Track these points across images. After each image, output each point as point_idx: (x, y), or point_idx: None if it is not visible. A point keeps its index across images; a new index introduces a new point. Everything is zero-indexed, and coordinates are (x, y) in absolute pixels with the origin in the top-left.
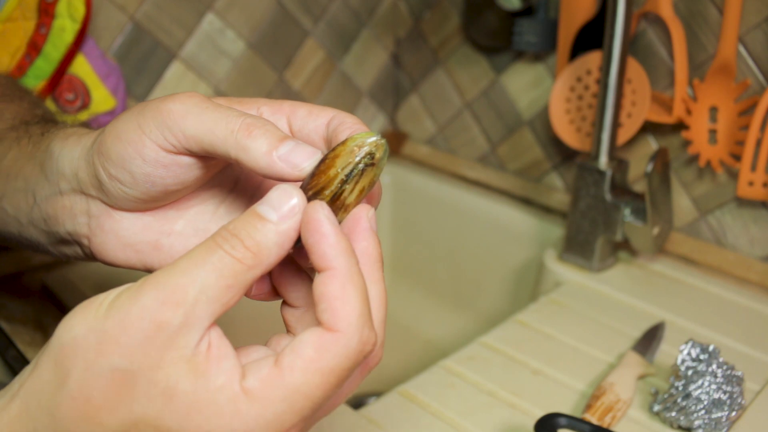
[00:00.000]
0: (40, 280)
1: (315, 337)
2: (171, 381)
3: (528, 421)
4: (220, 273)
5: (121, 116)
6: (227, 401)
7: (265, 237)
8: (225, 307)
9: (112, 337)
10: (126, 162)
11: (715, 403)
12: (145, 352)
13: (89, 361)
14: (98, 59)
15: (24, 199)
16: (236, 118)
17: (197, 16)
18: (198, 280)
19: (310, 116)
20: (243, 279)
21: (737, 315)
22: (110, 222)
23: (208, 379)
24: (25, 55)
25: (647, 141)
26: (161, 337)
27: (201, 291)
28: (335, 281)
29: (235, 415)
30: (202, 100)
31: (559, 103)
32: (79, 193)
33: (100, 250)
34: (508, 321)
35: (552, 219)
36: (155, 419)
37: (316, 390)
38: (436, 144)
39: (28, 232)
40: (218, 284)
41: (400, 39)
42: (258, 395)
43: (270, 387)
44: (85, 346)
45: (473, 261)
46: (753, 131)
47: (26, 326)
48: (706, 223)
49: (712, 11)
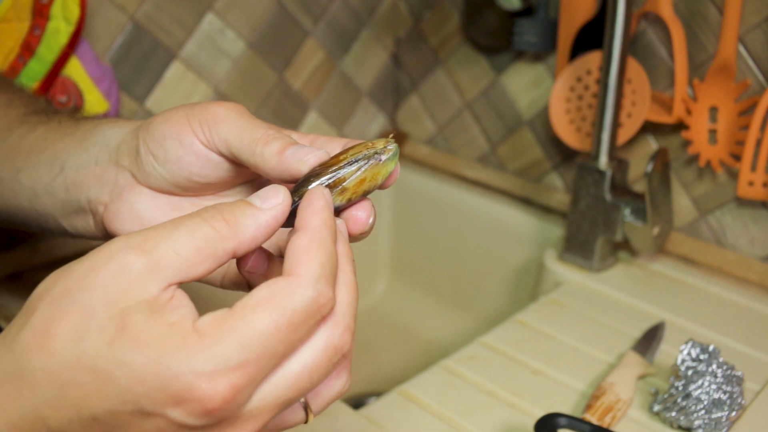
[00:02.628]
0: (40, 280)
1: (271, 282)
2: (125, 316)
3: (528, 421)
4: (192, 235)
5: (173, 108)
6: (177, 337)
7: (243, 214)
8: (194, 271)
9: (79, 277)
10: (165, 140)
11: (715, 403)
12: (105, 290)
13: (54, 297)
14: (92, 62)
15: (47, 171)
16: (261, 130)
17: (197, 16)
18: (170, 236)
19: (330, 143)
20: (215, 246)
21: (737, 315)
22: (130, 194)
23: (161, 316)
24: (18, 57)
25: (647, 141)
26: (124, 277)
27: (170, 246)
28: (305, 236)
29: (183, 351)
30: (243, 112)
31: (559, 103)
32: (113, 164)
33: (111, 218)
34: (508, 321)
35: (552, 219)
36: (106, 349)
37: (267, 328)
38: (436, 144)
39: (41, 203)
40: (189, 244)
41: (400, 39)
42: (208, 331)
43: (220, 323)
44: (52, 289)
45: (473, 261)
46: (753, 131)
47: None
48: (706, 223)
49: (712, 11)
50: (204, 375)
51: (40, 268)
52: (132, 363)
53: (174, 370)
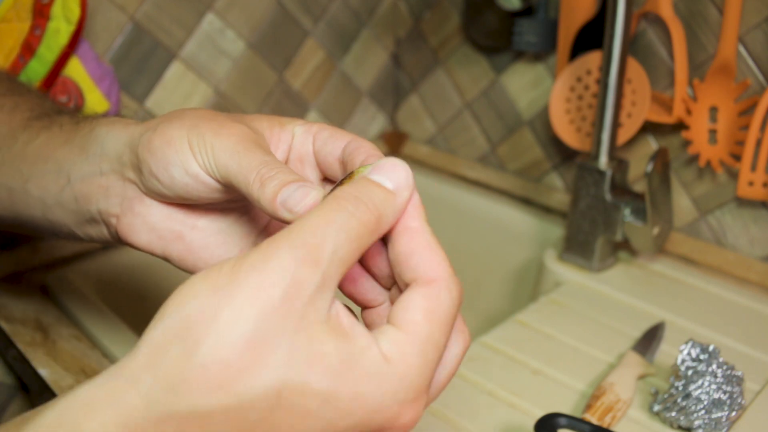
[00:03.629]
0: (40, 280)
1: (422, 291)
2: (314, 343)
3: (528, 421)
4: (348, 234)
5: (172, 121)
6: (372, 363)
7: (384, 204)
8: (348, 270)
9: (247, 295)
10: (170, 166)
11: (715, 403)
12: (283, 314)
13: (222, 322)
14: (92, 62)
15: (54, 181)
16: (254, 168)
17: (197, 16)
18: (330, 239)
19: (330, 139)
20: (365, 243)
21: (737, 315)
22: (140, 205)
23: (350, 341)
24: (19, 57)
25: (647, 141)
26: (301, 297)
27: (334, 251)
28: (419, 235)
29: (381, 380)
30: (239, 141)
31: (559, 103)
32: (118, 175)
33: (126, 231)
34: (508, 321)
35: (552, 219)
36: (301, 384)
37: (441, 337)
38: (436, 144)
39: (53, 214)
40: (348, 245)
41: (400, 39)
42: (396, 357)
43: (402, 346)
44: (214, 309)
45: (473, 261)
46: (753, 131)
47: (26, 326)
48: (706, 223)
49: (712, 11)
50: (407, 403)
51: (40, 268)
52: (334, 399)
53: (379, 403)
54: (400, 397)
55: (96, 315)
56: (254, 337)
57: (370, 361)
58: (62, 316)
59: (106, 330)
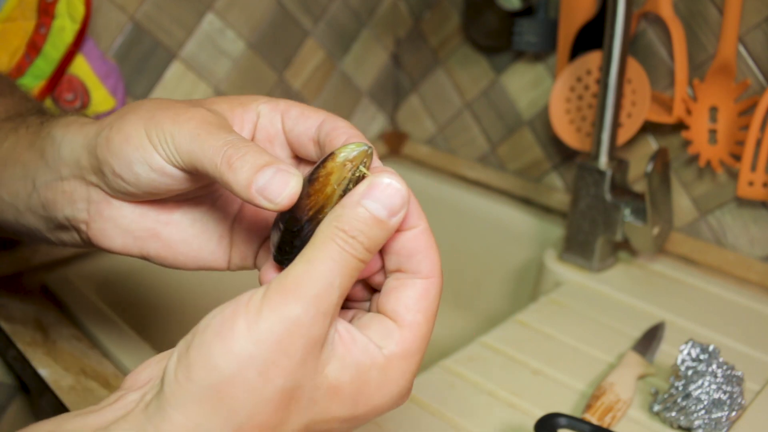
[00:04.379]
0: (40, 280)
1: (420, 290)
2: (331, 379)
3: (528, 421)
4: (348, 274)
5: (127, 116)
6: (379, 374)
7: (378, 235)
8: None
9: (273, 362)
10: (133, 164)
11: (715, 403)
12: (304, 365)
13: (256, 391)
14: (98, 59)
15: (23, 186)
16: (219, 149)
17: (197, 16)
18: (335, 284)
19: (302, 117)
20: (359, 273)
21: (737, 315)
22: (109, 209)
23: (357, 365)
24: (24, 55)
25: (647, 141)
26: (317, 347)
27: (340, 295)
28: (423, 237)
29: (389, 383)
30: (199, 125)
31: (559, 103)
32: (80, 179)
33: (99, 236)
34: (508, 321)
35: (552, 219)
36: (325, 414)
37: (431, 329)
38: (436, 144)
39: (25, 219)
40: (348, 283)
41: (400, 39)
42: (400, 357)
43: (407, 346)
44: (246, 379)
45: (473, 261)
46: (753, 131)
47: (26, 326)
48: (706, 223)
49: (712, 11)
50: (409, 389)
51: (40, 268)
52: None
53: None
54: (404, 390)
55: (96, 315)
56: (283, 395)
57: (377, 373)
58: (62, 316)
59: (106, 330)
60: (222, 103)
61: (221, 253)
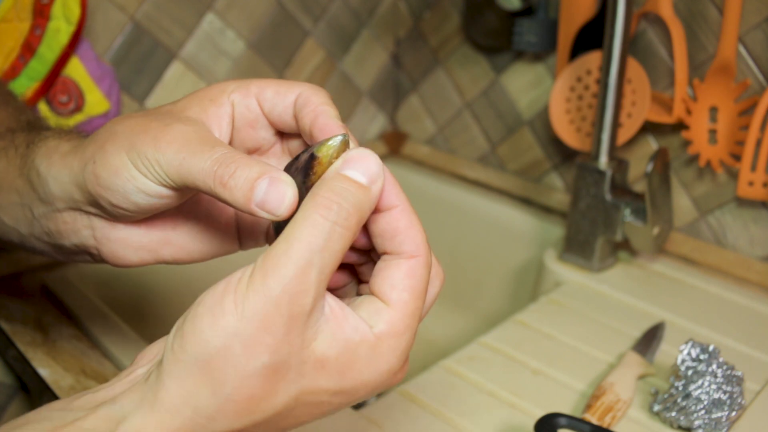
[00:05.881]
0: (40, 280)
1: (405, 269)
2: (318, 353)
3: (528, 421)
4: (332, 249)
5: (107, 146)
6: (369, 351)
7: (361, 200)
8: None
9: (257, 339)
10: (129, 195)
11: (715, 403)
12: (288, 341)
13: (241, 365)
14: (92, 62)
15: (22, 213)
16: (209, 171)
17: (197, 16)
18: (315, 260)
19: (278, 96)
20: (348, 244)
21: (737, 315)
22: (116, 231)
23: (346, 341)
24: (19, 56)
25: (647, 141)
26: (299, 324)
27: (321, 270)
28: (403, 215)
29: (379, 360)
30: (180, 148)
31: (559, 103)
32: (77, 211)
33: (112, 257)
34: (508, 321)
35: (552, 219)
36: (313, 386)
37: (420, 309)
38: (436, 144)
39: (30, 243)
40: (333, 259)
41: (400, 39)
42: (389, 335)
43: (395, 323)
44: (232, 354)
45: (473, 261)
46: (753, 131)
47: (26, 326)
48: (706, 223)
49: (712, 11)
50: (400, 368)
51: (40, 268)
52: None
53: (378, 378)
54: (394, 367)
55: (96, 315)
56: (269, 369)
57: (367, 349)
58: (62, 316)
59: (106, 330)
60: (193, 105)
61: (230, 238)
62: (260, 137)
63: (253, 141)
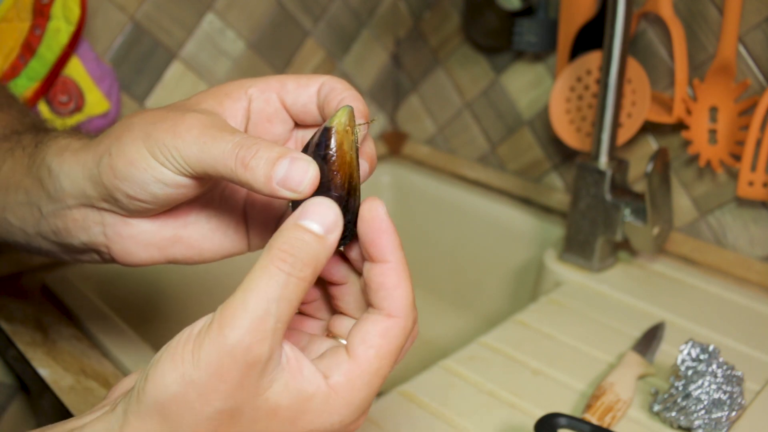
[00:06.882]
0: (40, 280)
1: (380, 327)
2: (271, 402)
3: (528, 421)
4: (288, 298)
5: (123, 138)
6: (322, 402)
7: (317, 250)
8: (290, 316)
9: (212, 387)
10: (147, 185)
11: (715, 403)
12: (243, 388)
13: (195, 411)
14: (92, 62)
15: (29, 212)
16: (230, 153)
17: (197, 16)
18: (272, 310)
19: (300, 88)
20: (303, 294)
21: (737, 315)
22: (128, 228)
23: (299, 391)
24: (19, 56)
25: (647, 141)
26: (254, 372)
27: (277, 320)
28: (392, 273)
29: (331, 411)
30: (200, 133)
31: (559, 103)
32: (89, 207)
33: (122, 255)
34: (508, 321)
35: (552, 219)
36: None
37: (387, 369)
38: (436, 144)
39: (36, 242)
40: (289, 308)
41: (400, 39)
42: (345, 388)
43: (353, 378)
44: (187, 400)
45: (473, 261)
46: (753, 131)
47: (26, 326)
48: (706, 223)
49: (712, 11)
50: (353, 422)
51: (40, 268)
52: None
53: (329, 428)
54: (347, 420)
55: (96, 315)
56: (223, 414)
57: (319, 400)
58: (62, 316)
59: (106, 330)
60: (209, 99)
61: (240, 238)
62: (276, 132)
63: (269, 136)
